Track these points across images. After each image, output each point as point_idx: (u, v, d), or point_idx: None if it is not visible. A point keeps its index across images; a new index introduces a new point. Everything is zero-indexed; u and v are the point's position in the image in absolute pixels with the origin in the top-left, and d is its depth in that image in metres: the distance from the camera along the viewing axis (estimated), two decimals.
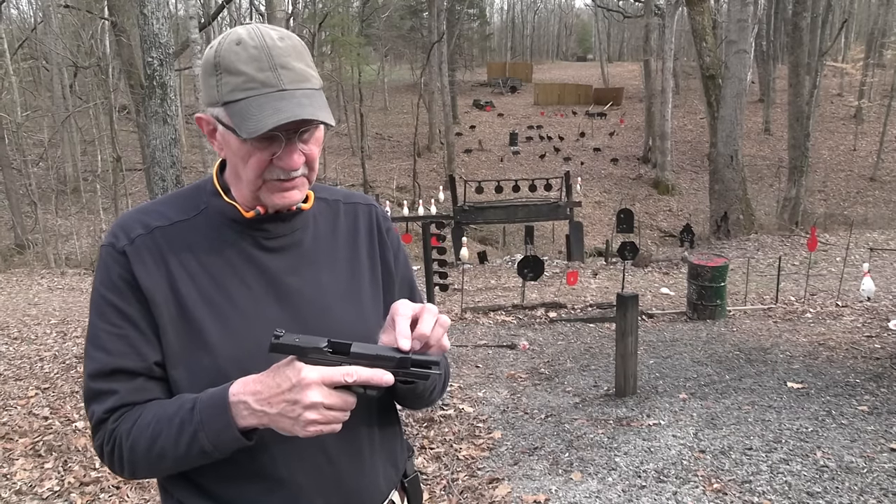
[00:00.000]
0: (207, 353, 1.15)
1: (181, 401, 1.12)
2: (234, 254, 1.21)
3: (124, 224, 1.21)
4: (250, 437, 1.08)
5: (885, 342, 6.23)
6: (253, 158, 1.12)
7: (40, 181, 22.74)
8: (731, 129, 15.32)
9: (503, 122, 37.72)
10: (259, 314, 1.19)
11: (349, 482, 1.24)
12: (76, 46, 22.02)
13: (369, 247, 1.35)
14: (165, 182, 6.69)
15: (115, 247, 1.18)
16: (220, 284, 1.18)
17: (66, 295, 11.73)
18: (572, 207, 16.20)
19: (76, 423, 4.79)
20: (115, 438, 1.14)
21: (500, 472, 3.94)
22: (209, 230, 1.21)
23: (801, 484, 3.52)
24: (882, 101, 30.72)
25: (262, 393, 1.04)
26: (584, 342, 7.16)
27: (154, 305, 1.15)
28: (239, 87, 1.09)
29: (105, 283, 1.17)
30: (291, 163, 1.13)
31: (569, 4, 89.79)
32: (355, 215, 1.36)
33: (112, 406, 1.15)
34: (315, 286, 1.24)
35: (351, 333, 1.19)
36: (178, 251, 1.19)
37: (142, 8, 6.48)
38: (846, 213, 20.54)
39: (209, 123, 1.18)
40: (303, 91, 1.10)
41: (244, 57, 1.09)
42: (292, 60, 1.11)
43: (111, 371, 1.15)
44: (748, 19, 15.29)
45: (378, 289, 1.34)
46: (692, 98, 37.06)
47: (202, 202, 1.24)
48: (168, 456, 1.10)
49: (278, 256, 1.23)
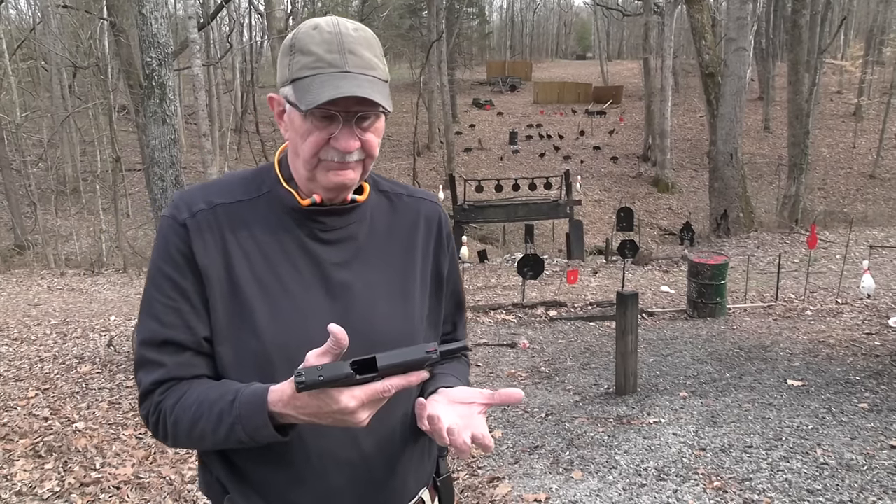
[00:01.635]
0: (254, 335, 1.17)
1: (223, 389, 1.13)
2: (289, 241, 1.22)
3: (187, 197, 1.23)
4: (286, 433, 1.10)
5: (885, 339, 6.23)
6: (311, 136, 1.15)
7: (40, 182, 22.73)
8: (731, 126, 15.32)
9: (503, 121, 37.71)
10: (308, 304, 1.20)
11: (379, 477, 1.25)
12: (75, 46, 21.99)
13: (425, 247, 1.35)
14: (165, 182, 6.68)
15: (177, 219, 1.20)
16: (273, 268, 1.20)
17: (65, 295, 11.73)
18: (572, 206, 16.21)
19: (76, 424, 4.79)
20: (161, 412, 1.17)
21: (500, 471, 3.94)
22: (268, 214, 1.23)
23: (801, 481, 3.52)
24: (881, 99, 30.70)
25: (306, 409, 1.04)
26: (585, 341, 7.15)
27: (208, 281, 1.18)
28: (308, 65, 1.14)
29: (163, 254, 1.20)
30: (346, 144, 1.15)
31: (568, 3, 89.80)
32: (417, 212, 1.36)
33: (159, 379, 1.18)
34: (364, 282, 1.25)
35: (395, 332, 1.24)
36: (236, 230, 1.21)
37: (140, 8, 6.47)
38: (846, 211, 20.54)
39: (279, 104, 1.21)
40: (366, 76, 1.14)
41: (317, 39, 1.14)
42: (361, 48, 1.15)
43: (162, 342, 1.18)
44: (747, 17, 15.29)
45: (426, 290, 1.35)
46: (692, 96, 37.05)
47: (265, 185, 1.26)
48: (207, 438, 1.13)
49: (332, 249, 1.24)
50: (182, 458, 4.27)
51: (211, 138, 12.20)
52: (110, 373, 6.21)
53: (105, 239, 18.70)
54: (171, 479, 3.98)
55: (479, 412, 1.16)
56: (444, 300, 1.40)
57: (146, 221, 19.57)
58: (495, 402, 1.15)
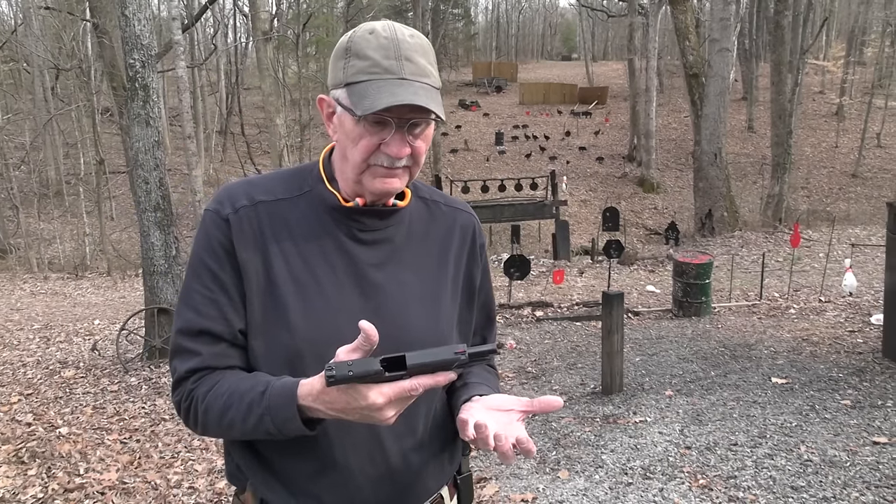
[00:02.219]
0: (287, 331, 1.19)
1: (254, 381, 1.16)
2: (328, 240, 1.24)
3: (231, 193, 1.25)
4: (314, 426, 1.11)
5: (867, 337, 6.29)
6: (363, 141, 1.16)
7: (22, 185, 22.53)
8: (715, 126, 15.42)
9: (489, 122, 37.75)
10: (341, 302, 1.22)
11: (400, 473, 1.26)
12: (58, 48, 21.83)
13: (458, 256, 1.37)
14: (149, 184, 6.64)
15: (220, 214, 1.23)
16: (310, 267, 1.22)
17: (49, 300, 11.63)
18: (558, 206, 16.25)
19: (60, 429, 4.75)
20: (193, 399, 1.20)
21: (487, 472, 3.94)
22: (309, 213, 1.25)
23: (785, 478, 3.55)
24: (863, 99, 31.01)
25: (334, 404, 1.05)
26: (571, 341, 7.18)
27: (246, 276, 1.21)
28: (364, 70, 1.15)
29: (205, 246, 1.23)
30: (398, 150, 1.16)
31: (553, 4, 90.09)
32: (454, 220, 1.38)
33: (193, 367, 1.21)
34: (397, 283, 1.27)
35: (424, 334, 1.26)
36: (276, 228, 1.23)
37: (123, 9, 6.43)
38: (828, 210, 20.73)
39: (329, 105, 1.23)
40: (421, 84, 1.15)
41: (374, 45, 1.15)
42: (417, 56, 1.16)
43: (199, 331, 1.21)
44: (731, 18, 15.39)
45: (457, 297, 1.36)
46: (676, 96, 37.23)
47: (307, 185, 1.28)
48: (236, 428, 1.15)
49: (369, 249, 1.26)
50: (167, 463, 4.25)
51: (195, 140, 12.13)
52: (94, 377, 6.16)
53: (89, 242, 18.56)
54: (156, 483, 3.96)
55: (518, 419, 1.17)
56: (474, 311, 1.42)
57: (130, 224, 19.43)
58: (535, 409, 1.16)
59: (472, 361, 1.05)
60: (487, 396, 1.22)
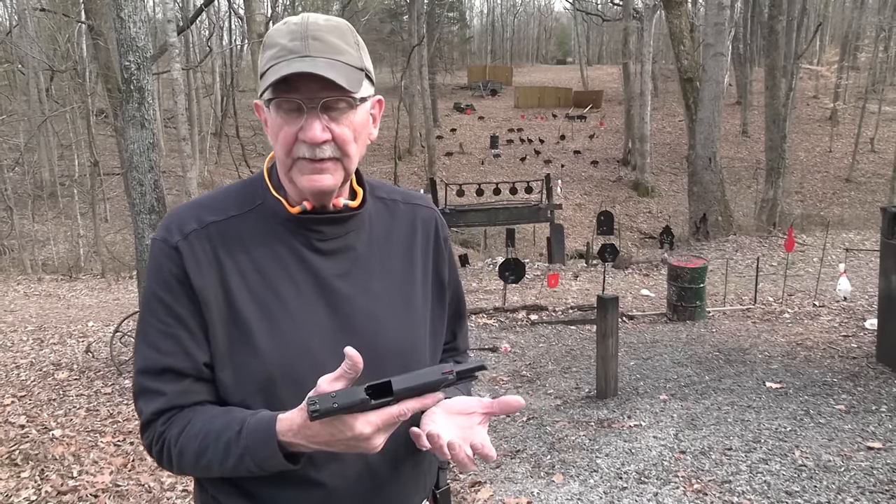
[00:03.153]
0: (255, 357, 1.13)
1: (229, 419, 1.10)
2: (286, 253, 1.18)
3: (179, 218, 1.18)
4: (297, 460, 1.07)
5: (861, 341, 6.31)
6: (282, 133, 1.11)
7: (16, 186, 22.43)
8: (709, 131, 15.47)
9: (484, 125, 37.79)
10: (307, 318, 1.16)
11: (385, 490, 1.23)
12: (52, 50, 21.76)
13: (424, 253, 1.32)
14: (143, 187, 6.63)
15: (169, 242, 1.15)
16: (270, 284, 1.16)
17: (42, 301, 11.58)
18: (553, 210, 16.27)
19: (53, 432, 4.73)
20: (164, 441, 1.14)
21: (482, 476, 3.94)
22: (263, 227, 1.18)
23: (779, 483, 3.55)
24: (856, 104, 31.15)
25: (318, 437, 1.01)
26: (566, 344, 7.18)
27: (205, 305, 1.13)
28: (272, 57, 1.10)
29: (157, 279, 1.15)
30: (312, 135, 1.09)
31: (548, 8, 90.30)
32: (414, 217, 1.33)
33: (160, 408, 1.14)
34: (365, 293, 1.21)
35: (399, 342, 1.22)
36: (231, 247, 1.16)
37: (118, 11, 6.42)
38: (822, 214, 20.79)
39: (261, 109, 1.18)
40: (327, 59, 1.09)
41: (283, 31, 1.12)
42: (328, 35, 1.11)
43: (161, 370, 1.14)
44: (725, 23, 15.46)
45: (427, 299, 1.31)
46: (671, 101, 37.34)
47: (258, 197, 1.21)
48: (215, 468, 1.10)
49: (330, 260, 1.20)
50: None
51: (190, 142, 12.11)
52: (88, 379, 6.14)
53: (83, 244, 18.50)
54: (149, 486, 3.94)
55: (479, 422, 1.11)
56: (446, 307, 1.37)
57: (125, 226, 19.37)
58: (495, 411, 1.11)
59: (460, 380, 1.01)
60: (449, 400, 1.14)
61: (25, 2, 23.79)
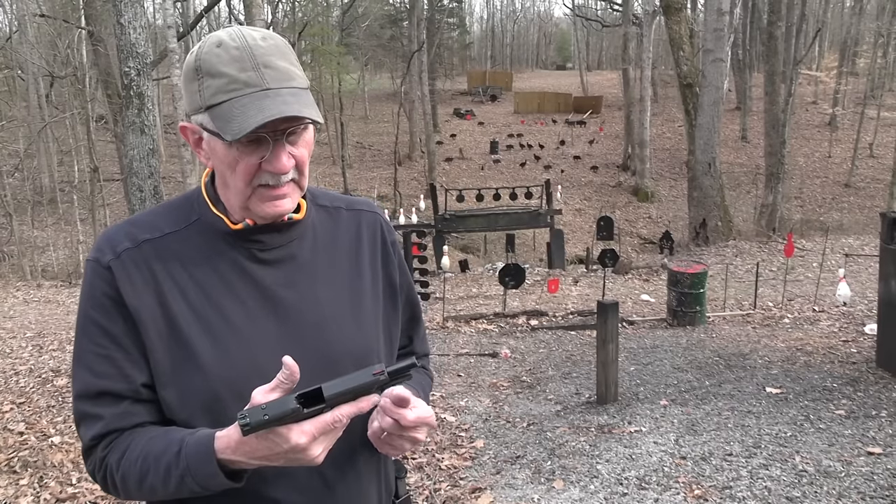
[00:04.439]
0: (199, 374, 1.10)
1: (167, 440, 1.07)
2: (227, 267, 1.15)
3: (111, 237, 1.15)
4: (240, 478, 1.04)
5: (861, 346, 6.31)
6: (241, 164, 1.07)
7: (16, 192, 22.44)
8: (709, 136, 15.49)
9: (484, 131, 37.84)
10: (253, 332, 1.13)
11: (341, 502, 1.20)
12: (52, 56, 21.79)
13: (371, 258, 1.29)
14: (143, 193, 6.63)
15: (101, 262, 1.12)
16: (212, 300, 1.13)
17: (42, 307, 11.56)
18: (553, 215, 16.28)
19: (52, 439, 4.72)
20: (106, 467, 1.11)
21: (482, 482, 3.93)
22: (201, 242, 1.15)
23: (780, 489, 3.54)
24: (855, 109, 31.19)
25: (256, 452, 0.98)
26: (566, 350, 7.17)
27: (141, 324, 1.10)
28: (221, 89, 1.05)
29: (89, 300, 1.12)
30: (280, 165, 1.07)
31: (548, 13, 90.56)
32: (358, 223, 1.30)
33: (98, 433, 1.11)
34: (312, 301, 1.19)
35: (351, 348, 1.19)
36: (168, 265, 1.13)
37: (119, 17, 6.44)
38: (822, 219, 20.82)
39: (194, 132, 1.13)
40: (288, 89, 1.06)
41: (226, 58, 1.05)
42: (276, 59, 1.07)
43: (97, 393, 1.11)
44: (724, 29, 15.49)
45: (378, 303, 1.29)
46: (670, 106, 37.40)
47: (194, 213, 1.18)
48: (159, 491, 1.07)
49: (274, 269, 1.17)
50: None
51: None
52: None
53: (83, 250, 18.48)
54: None
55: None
56: (399, 310, 1.35)
57: None
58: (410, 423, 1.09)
59: (393, 380, 1.00)
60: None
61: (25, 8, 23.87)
